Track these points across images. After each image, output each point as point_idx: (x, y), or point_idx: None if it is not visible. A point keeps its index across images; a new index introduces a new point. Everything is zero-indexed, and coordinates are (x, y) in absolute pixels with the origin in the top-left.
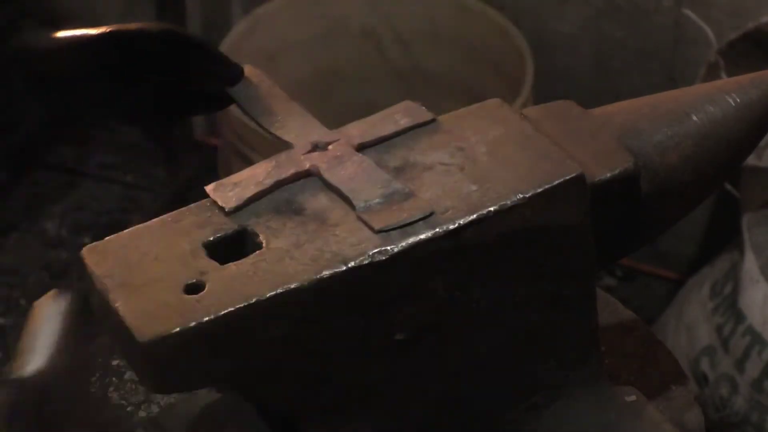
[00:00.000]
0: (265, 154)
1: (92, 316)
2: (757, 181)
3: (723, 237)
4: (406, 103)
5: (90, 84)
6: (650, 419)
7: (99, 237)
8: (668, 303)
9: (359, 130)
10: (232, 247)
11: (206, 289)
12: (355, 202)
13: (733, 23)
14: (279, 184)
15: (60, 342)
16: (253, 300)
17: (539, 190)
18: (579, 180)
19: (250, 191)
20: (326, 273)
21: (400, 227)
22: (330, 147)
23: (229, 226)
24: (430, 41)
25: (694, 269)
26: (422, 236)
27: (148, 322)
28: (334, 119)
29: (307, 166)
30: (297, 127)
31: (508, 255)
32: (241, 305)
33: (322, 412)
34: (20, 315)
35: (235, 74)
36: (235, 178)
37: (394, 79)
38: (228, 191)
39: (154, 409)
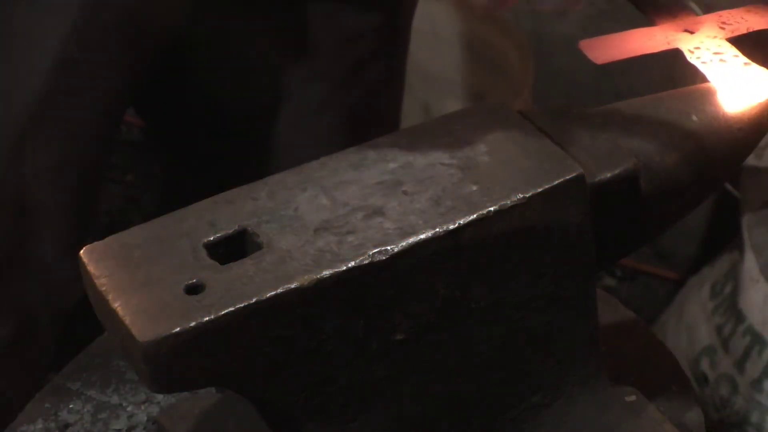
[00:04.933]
0: None
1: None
2: (757, 181)
3: (723, 237)
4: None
5: None
6: (650, 419)
7: (99, 237)
8: (668, 303)
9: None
10: (232, 247)
11: (207, 289)
12: None
13: None
14: None
15: None
16: (254, 300)
17: (539, 190)
18: (579, 180)
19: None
20: (326, 273)
21: None
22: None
23: (229, 226)
24: (429, 41)
25: (694, 269)
26: (422, 236)
27: (149, 322)
28: None
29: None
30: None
31: (508, 255)
32: (242, 305)
33: (322, 412)
34: None
35: None
36: None
37: None
38: None
39: (154, 409)
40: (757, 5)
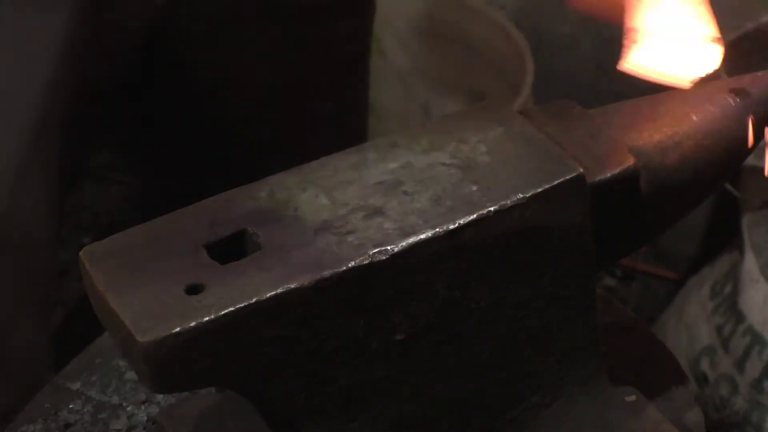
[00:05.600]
0: None
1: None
2: (757, 181)
3: (723, 237)
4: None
5: None
6: (650, 419)
7: (99, 237)
8: (668, 303)
9: None
10: (232, 247)
11: (207, 289)
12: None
13: (733, 23)
14: None
15: None
16: (254, 300)
17: (539, 190)
18: (579, 180)
19: None
20: (326, 273)
21: None
22: None
23: (229, 226)
24: (429, 41)
25: (694, 269)
26: (422, 236)
27: (148, 322)
28: None
29: None
30: None
31: (508, 255)
32: (241, 305)
33: (322, 412)
34: None
35: None
36: None
37: (394, 79)
38: None
39: (154, 409)
40: None
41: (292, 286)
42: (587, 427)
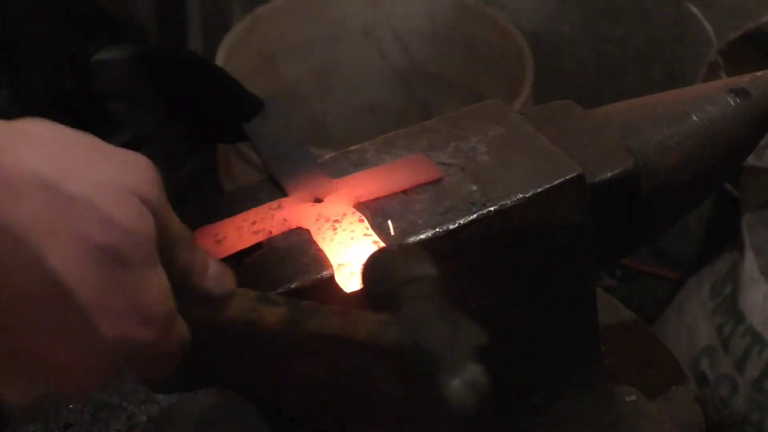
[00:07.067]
0: None
1: None
2: (757, 181)
3: (723, 237)
4: (414, 158)
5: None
6: (650, 419)
7: None
8: (668, 303)
9: (360, 185)
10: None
11: None
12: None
13: (733, 23)
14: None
15: None
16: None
17: (539, 189)
18: (579, 180)
19: (235, 248)
20: (326, 273)
21: None
22: (326, 200)
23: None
24: (429, 41)
25: (694, 269)
26: (422, 236)
27: None
28: (334, 119)
29: (294, 225)
30: (299, 175)
31: (508, 254)
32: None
33: (323, 410)
34: None
35: (251, 111)
36: (219, 229)
37: (394, 79)
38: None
39: (154, 409)
40: None
41: (293, 285)
42: (587, 427)
